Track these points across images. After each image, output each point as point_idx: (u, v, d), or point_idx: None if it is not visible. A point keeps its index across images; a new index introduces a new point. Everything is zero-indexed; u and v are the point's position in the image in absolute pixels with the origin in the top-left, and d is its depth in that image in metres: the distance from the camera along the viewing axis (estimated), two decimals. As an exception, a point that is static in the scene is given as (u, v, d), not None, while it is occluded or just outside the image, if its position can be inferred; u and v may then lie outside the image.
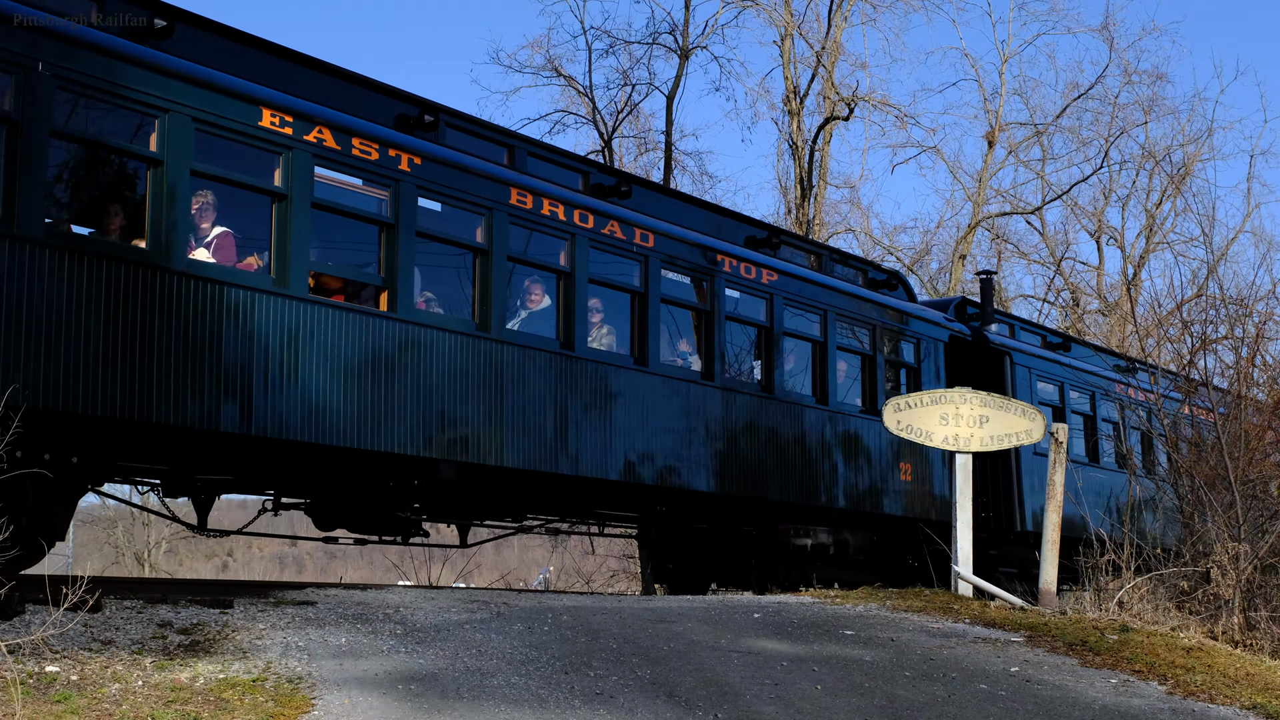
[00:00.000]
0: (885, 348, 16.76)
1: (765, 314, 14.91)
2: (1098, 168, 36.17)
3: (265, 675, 6.96)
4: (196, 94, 9.78)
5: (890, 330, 16.84)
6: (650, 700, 7.28)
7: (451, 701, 6.89)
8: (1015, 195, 37.82)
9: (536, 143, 13.21)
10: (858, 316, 16.30)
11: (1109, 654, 9.75)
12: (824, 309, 15.69)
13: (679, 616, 9.77)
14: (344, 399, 10.45)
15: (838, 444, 15.78)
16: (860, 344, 16.49)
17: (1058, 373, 20.16)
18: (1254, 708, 8.72)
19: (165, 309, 9.43)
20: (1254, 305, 16.48)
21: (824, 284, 15.82)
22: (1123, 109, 35.93)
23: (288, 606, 8.77)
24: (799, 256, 16.29)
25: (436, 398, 11.22)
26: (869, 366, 16.57)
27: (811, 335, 15.62)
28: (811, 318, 15.62)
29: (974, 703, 7.96)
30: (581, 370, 12.59)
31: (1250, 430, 13.52)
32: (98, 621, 7.63)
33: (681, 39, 30.90)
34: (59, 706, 6.15)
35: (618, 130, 31.09)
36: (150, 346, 9.29)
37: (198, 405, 9.47)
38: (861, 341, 16.51)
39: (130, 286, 9.26)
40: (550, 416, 12.22)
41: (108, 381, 9.00)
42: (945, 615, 11.02)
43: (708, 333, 14.16)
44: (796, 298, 15.29)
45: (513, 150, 12.72)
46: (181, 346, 9.45)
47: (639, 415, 13.10)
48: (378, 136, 11.05)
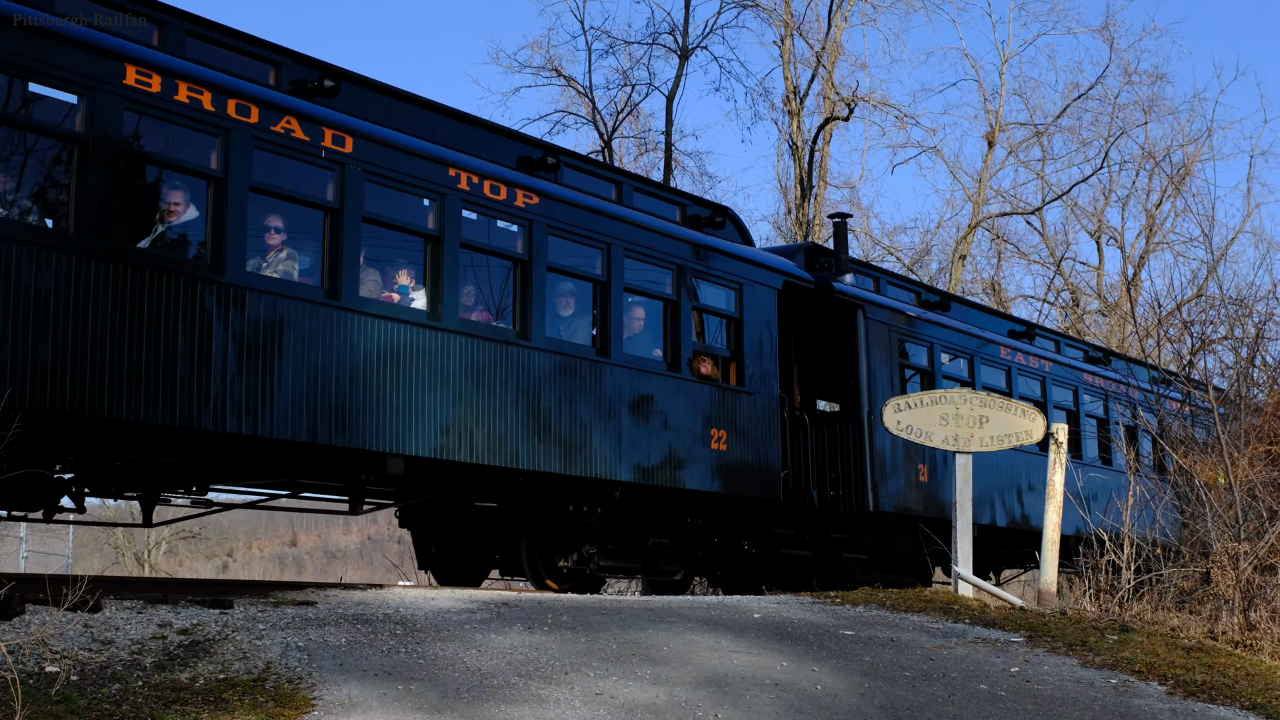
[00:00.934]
0: (695, 293, 14.23)
1: (523, 245, 12.42)
2: (1098, 168, 36.23)
3: (265, 675, 6.96)
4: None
5: (703, 273, 14.31)
6: (650, 700, 7.28)
7: (451, 701, 6.90)
8: (1015, 195, 37.86)
9: None
10: (657, 254, 13.79)
11: (1109, 654, 9.75)
12: (608, 242, 13.20)
13: (679, 616, 9.77)
14: None
15: (627, 405, 13.18)
16: (660, 287, 13.95)
17: (928, 333, 17.81)
18: (1254, 708, 8.73)
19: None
20: (1254, 305, 16.52)
21: (607, 212, 13.32)
22: (1123, 109, 36.01)
23: (288, 606, 8.77)
24: (590, 183, 13.76)
25: None
26: (672, 314, 14.00)
27: (590, 273, 13.11)
28: (591, 252, 13.14)
29: (974, 703, 7.97)
30: (239, 303, 10.18)
31: (1250, 430, 13.53)
32: (98, 621, 7.64)
33: (681, 39, 30.94)
34: (59, 706, 6.15)
35: (618, 130, 31.15)
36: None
37: None
38: (662, 284, 13.97)
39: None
40: (200, 360, 9.88)
41: None
42: (945, 615, 11.02)
43: (436, 264, 11.66)
44: (567, 226, 12.81)
45: None
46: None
47: (334, 364, 10.73)
48: None
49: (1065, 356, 21.36)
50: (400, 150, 11.49)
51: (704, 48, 32.85)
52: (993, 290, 37.79)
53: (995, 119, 34.90)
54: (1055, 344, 21.81)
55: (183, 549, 48.66)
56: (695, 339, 14.28)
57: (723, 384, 14.45)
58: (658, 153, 31.87)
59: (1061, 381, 20.51)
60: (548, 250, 12.61)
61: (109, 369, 9.39)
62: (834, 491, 16.24)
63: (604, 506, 13.26)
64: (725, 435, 14.25)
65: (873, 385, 16.48)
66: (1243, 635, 11.42)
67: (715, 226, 15.10)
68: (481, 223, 12.30)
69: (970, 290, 36.27)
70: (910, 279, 21.80)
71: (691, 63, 36.13)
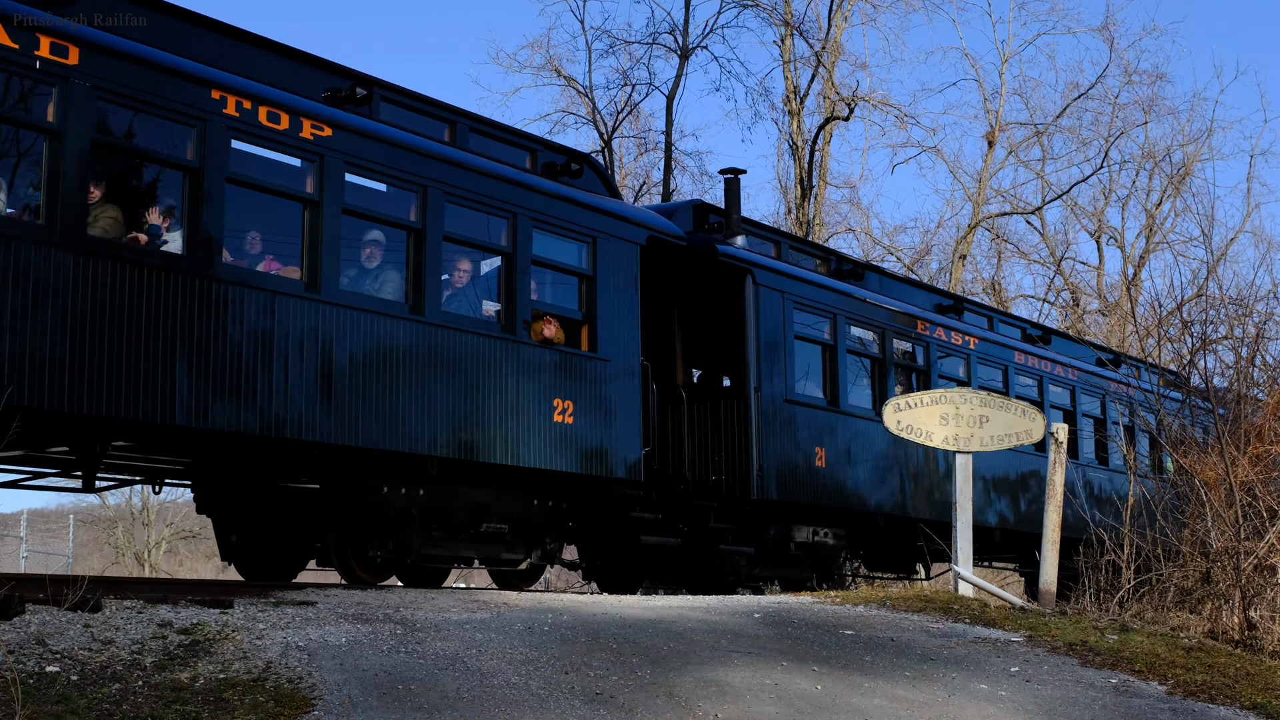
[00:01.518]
0: (535, 245, 12.63)
1: (312, 182, 10.92)
2: (1098, 168, 36.25)
3: (265, 675, 6.96)
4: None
5: (548, 224, 12.76)
6: (650, 700, 7.28)
7: (452, 701, 6.90)
8: (1015, 195, 37.88)
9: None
10: (488, 200, 12.20)
11: (1109, 654, 9.76)
12: (424, 184, 11.65)
13: (679, 616, 9.78)
14: None
15: (445, 371, 11.63)
16: (493, 238, 12.40)
17: (831, 303, 16.04)
18: (1254, 708, 8.73)
19: None
20: (1254, 305, 16.49)
21: (423, 149, 11.74)
22: (1123, 109, 36.04)
23: (288, 606, 8.77)
24: (415, 120, 12.23)
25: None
26: (507, 269, 12.42)
27: (401, 219, 11.63)
28: (403, 195, 11.68)
29: (974, 703, 7.97)
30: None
31: (1250, 430, 13.52)
32: (98, 621, 7.63)
33: (681, 39, 30.95)
34: (59, 706, 6.15)
35: (618, 130, 31.16)
36: None
37: None
38: (495, 235, 12.42)
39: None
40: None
41: None
42: (945, 615, 11.02)
43: (196, 201, 10.11)
44: (369, 163, 11.30)
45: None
46: None
47: (48, 314, 9.15)
48: None
49: (998, 334, 19.79)
50: (146, 66, 9.90)
51: (704, 47, 32.89)
52: (993, 290, 37.81)
53: (995, 119, 34.92)
54: (988, 320, 20.22)
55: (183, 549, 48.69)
56: (535, 298, 12.74)
57: (569, 349, 12.85)
58: (658, 152, 31.92)
59: (989, 360, 18.89)
60: (343, 190, 11.07)
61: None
62: (716, 476, 14.74)
63: (426, 488, 11.81)
64: (571, 407, 12.70)
65: (762, 359, 14.83)
66: (1243, 635, 11.42)
67: (572, 175, 13.50)
68: (257, 156, 10.77)
69: (970, 290, 36.28)
70: (814, 243, 19.80)
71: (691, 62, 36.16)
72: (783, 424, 14.91)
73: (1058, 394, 20.27)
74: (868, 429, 16.18)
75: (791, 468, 14.99)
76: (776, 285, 15.19)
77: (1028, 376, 19.71)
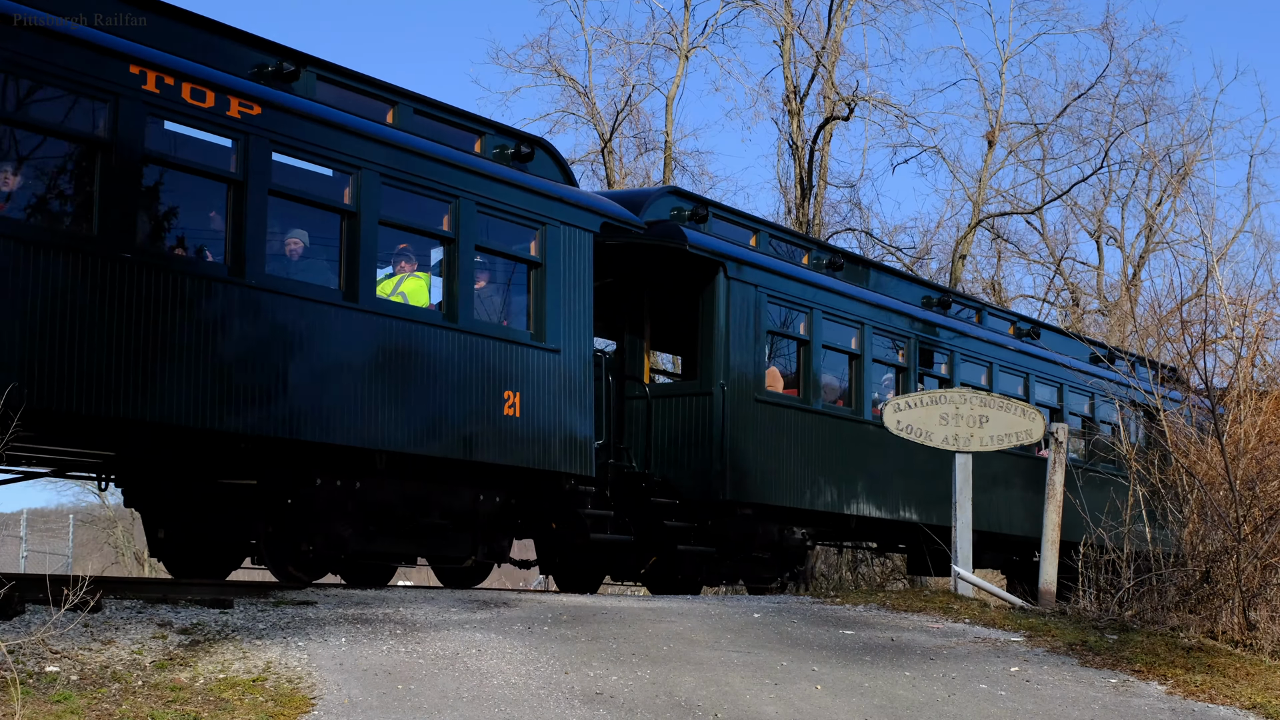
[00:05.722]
0: (478, 231, 12.12)
1: (236, 162, 10.39)
2: (1098, 168, 36.19)
3: (265, 675, 6.96)
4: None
5: (493, 208, 12.21)
6: (650, 700, 7.28)
7: (452, 701, 6.90)
8: (1015, 195, 37.83)
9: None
10: (428, 183, 11.70)
11: (1109, 654, 9.76)
12: (358, 165, 11.10)
13: (679, 616, 9.78)
14: None
15: (381, 362, 11.15)
16: (432, 223, 11.96)
17: (807, 296, 15.47)
18: (1254, 708, 8.73)
19: None
20: (1254, 305, 16.46)
21: (357, 129, 11.21)
22: (1123, 109, 35.95)
23: (288, 606, 8.77)
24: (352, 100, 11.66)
25: None
26: (449, 255, 11.95)
27: (333, 201, 11.11)
28: (335, 177, 11.22)
29: (974, 703, 7.97)
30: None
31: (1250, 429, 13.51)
32: (98, 621, 7.63)
33: (681, 39, 30.94)
34: (59, 706, 6.15)
35: (617, 130, 31.13)
36: None
37: None
38: (435, 220, 11.97)
39: None
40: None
41: None
42: (945, 615, 11.03)
43: (108, 179, 9.65)
44: (299, 143, 10.78)
45: None
46: None
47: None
48: None
49: (986, 329, 19.28)
50: (52, 36, 9.34)
51: (704, 47, 32.77)
52: (993, 290, 37.79)
53: (995, 118, 34.89)
54: (976, 313, 19.66)
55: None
56: (481, 284, 12.33)
57: (516, 338, 12.39)
58: (658, 152, 31.88)
59: (973, 357, 18.33)
60: (270, 170, 10.52)
61: None
62: (679, 474, 14.29)
63: (363, 481, 11.35)
64: (519, 399, 12.19)
65: (730, 354, 14.34)
66: (1243, 635, 11.41)
67: (522, 159, 12.90)
68: (177, 134, 10.26)
69: (970, 290, 36.29)
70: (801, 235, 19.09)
71: (691, 62, 36.09)
72: (751, 422, 14.45)
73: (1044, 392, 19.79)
74: (840, 428, 15.74)
75: (762, 470, 14.56)
76: (750, 279, 14.69)
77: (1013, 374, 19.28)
